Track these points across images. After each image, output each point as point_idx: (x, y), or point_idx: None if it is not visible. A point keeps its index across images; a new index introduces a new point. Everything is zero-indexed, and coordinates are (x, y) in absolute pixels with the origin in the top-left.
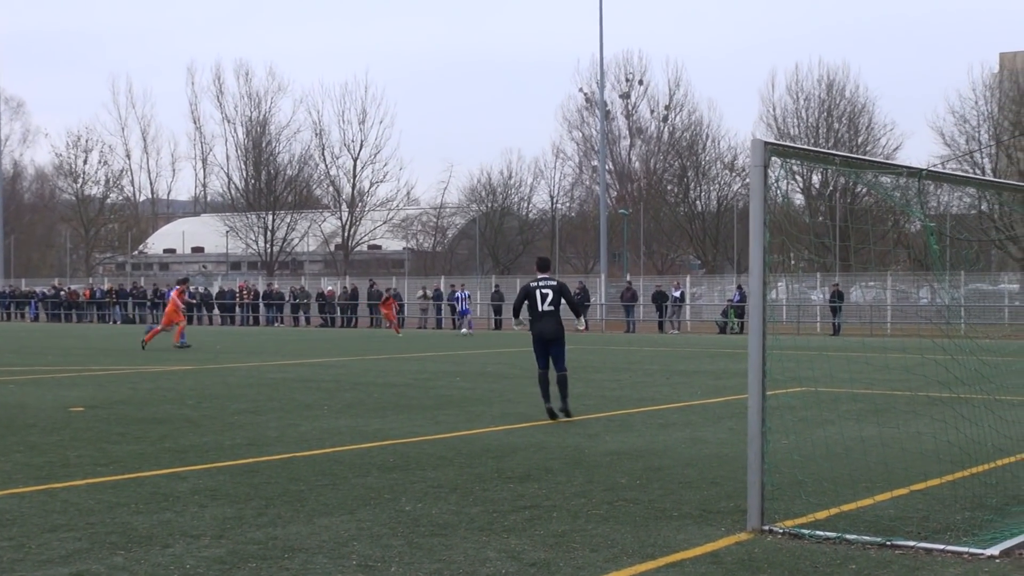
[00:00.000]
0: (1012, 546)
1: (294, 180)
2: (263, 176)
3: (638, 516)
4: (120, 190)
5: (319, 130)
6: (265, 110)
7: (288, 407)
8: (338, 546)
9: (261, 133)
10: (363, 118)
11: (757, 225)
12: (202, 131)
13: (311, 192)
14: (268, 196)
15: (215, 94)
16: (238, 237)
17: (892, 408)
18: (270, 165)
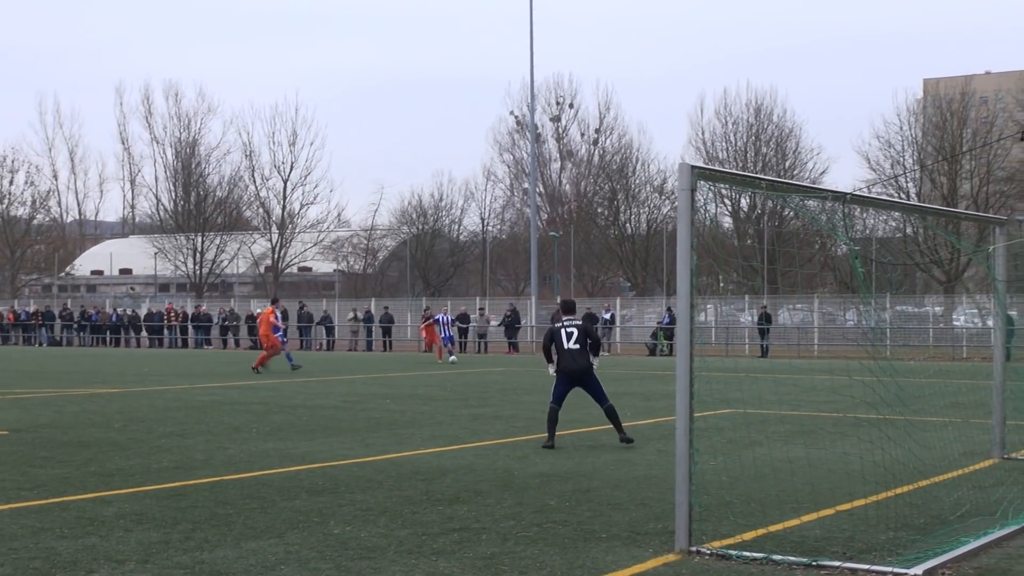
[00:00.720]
0: (935, 565)
1: (224, 201)
2: (192, 197)
3: (567, 538)
4: (47, 211)
5: (249, 151)
6: (195, 131)
7: (216, 430)
8: (266, 570)
9: (191, 154)
10: (293, 139)
11: (684, 248)
12: (131, 152)
13: (241, 214)
14: (197, 217)
15: (144, 115)
16: (167, 259)
17: (819, 429)
18: (200, 186)
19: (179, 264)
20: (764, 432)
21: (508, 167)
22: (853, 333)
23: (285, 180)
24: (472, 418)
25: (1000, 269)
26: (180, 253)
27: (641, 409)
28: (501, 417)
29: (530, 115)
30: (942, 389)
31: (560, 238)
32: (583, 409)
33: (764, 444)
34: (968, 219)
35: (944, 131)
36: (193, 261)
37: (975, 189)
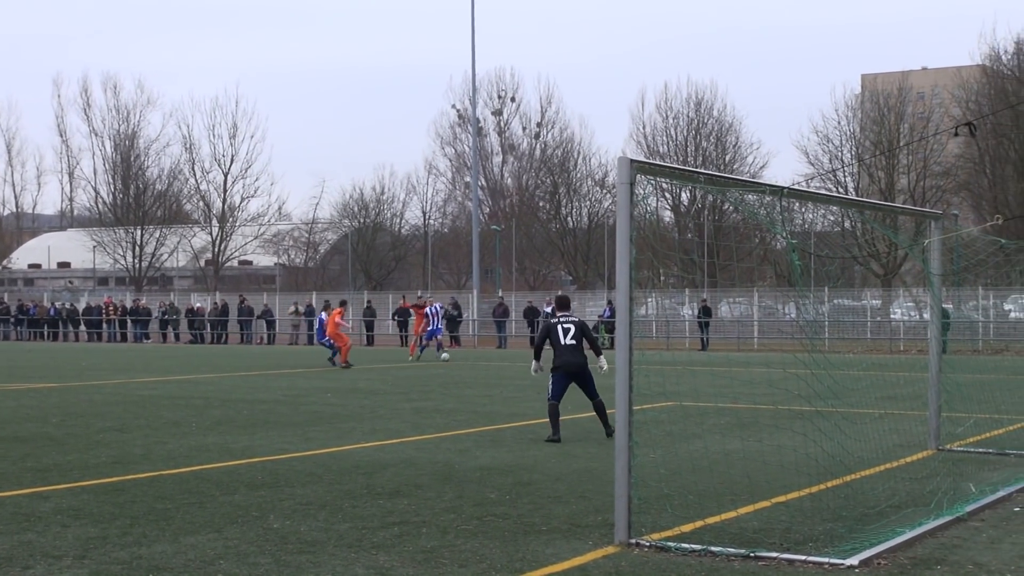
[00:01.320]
0: (871, 556)
1: (163, 195)
2: (132, 190)
3: (507, 531)
4: None
5: (189, 144)
6: (134, 123)
7: (155, 424)
8: (204, 565)
9: (130, 147)
10: (234, 132)
11: (623, 241)
12: (69, 144)
13: (181, 207)
14: (137, 211)
15: (82, 107)
16: (106, 252)
17: (756, 422)
18: (139, 179)
19: (118, 258)
20: (703, 425)
21: (450, 161)
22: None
23: (225, 173)
24: (413, 412)
25: (935, 263)
26: (119, 246)
27: (581, 403)
28: (442, 411)
29: (472, 109)
30: (879, 381)
31: (502, 232)
32: (525, 403)
33: (703, 437)
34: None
35: (881, 126)
36: (132, 255)
37: (912, 183)
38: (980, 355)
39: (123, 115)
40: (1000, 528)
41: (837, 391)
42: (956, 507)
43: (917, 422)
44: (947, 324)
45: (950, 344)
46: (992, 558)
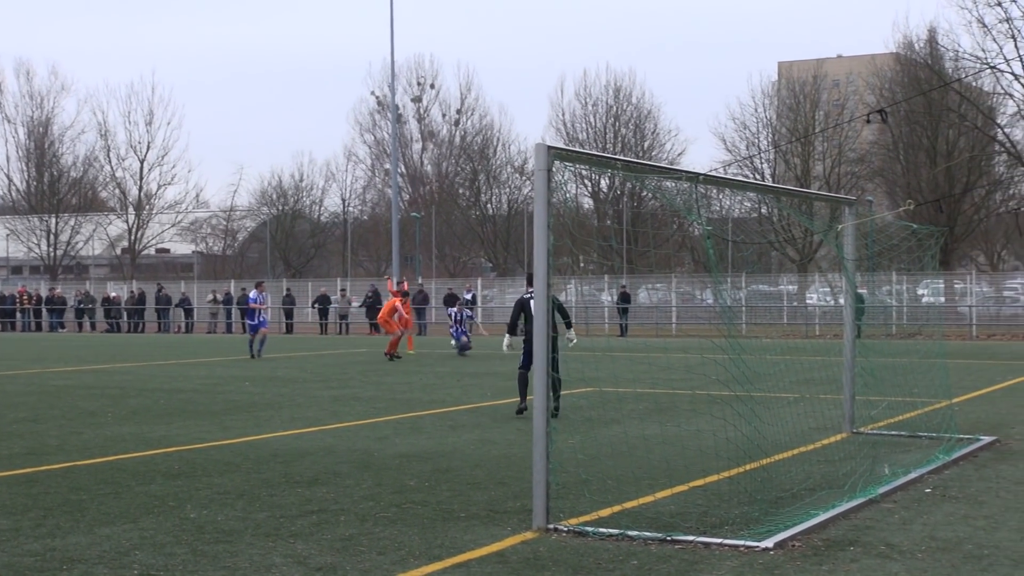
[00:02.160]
0: (785, 538)
1: (79, 182)
2: (46, 178)
3: (426, 518)
4: None
5: (104, 131)
6: (48, 110)
7: (70, 415)
8: (119, 556)
9: (44, 134)
10: (150, 119)
11: (541, 228)
12: None
13: (96, 194)
14: (51, 198)
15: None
16: (19, 240)
17: (674, 407)
18: (53, 167)
19: (32, 246)
20: (621, 410)
21: (370, 148)
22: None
23: (142, 160)
24: (332, 400)
25: (849, 248)
26: (33, 235)
27: (501, 389)
28: (361, 398)
29: (391, 96)
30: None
31: (421, 219)
32: (444, 390)
33: (621, 422)
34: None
35: (797, 113)
36: (47, 243)
37: (827, 170)
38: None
39: (36, 101)
40: (912, 509)
41: (753, 376)
42: (869, 489)
43: (832, 406)
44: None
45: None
46: (904, 538)
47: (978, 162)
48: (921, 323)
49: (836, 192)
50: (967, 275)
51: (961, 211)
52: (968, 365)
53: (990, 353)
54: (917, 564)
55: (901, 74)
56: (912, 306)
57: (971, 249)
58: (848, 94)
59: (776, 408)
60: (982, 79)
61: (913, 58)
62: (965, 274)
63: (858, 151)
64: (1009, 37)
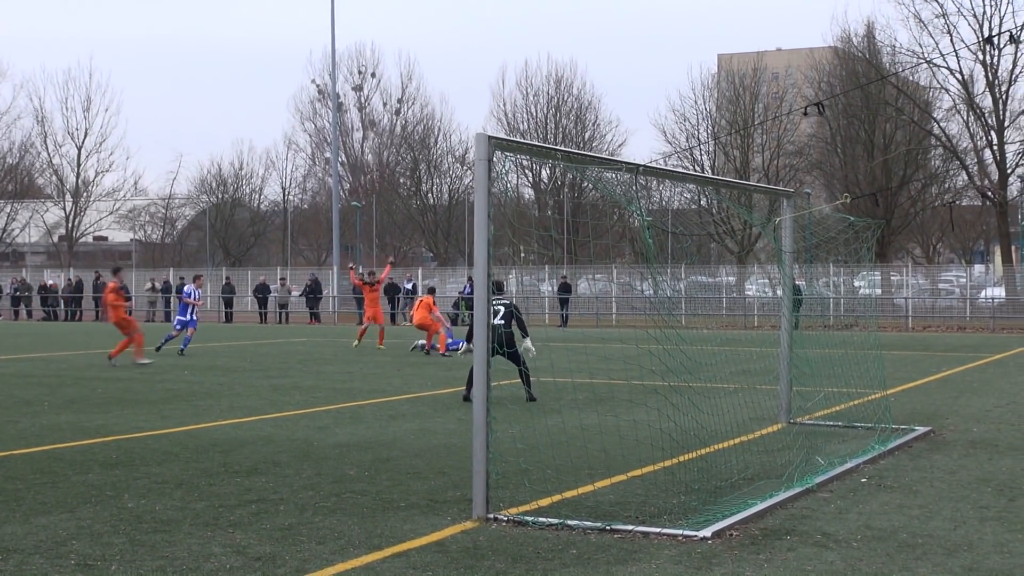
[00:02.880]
0: (723, 527)
1: (15, 168)
2: None
3: (366, 507)
4: None
5: (41, 117)
6: None
7: (6, 403)
8: (56, 545)
9: None
10: (88, 105)
11: (481, 218)
12: None
13: (33, 181)
14: None
15: None
16: None
17: (613, 397)
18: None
19: None
20: (560, 400)
21: (310, 136)
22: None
23: (79, 147)
24: (272, 389)
25: (788, 240)
26: None
27: (441, 379)
28: (301, 388)
29: (331, 84)
30: (733, 356)
31: (362, 208)
32: (384, 379)
33: (560, 412)
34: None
35: (737, 105)
36: None
37: (766, 162)
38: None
39: None
40: (847, 499)
41: (692, 366)
42: (806, 479)
43: (769, 396)
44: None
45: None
46: (839, 527)
47: (914, 156)
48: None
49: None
50: (903, 267)
51: (898, 204)
52: (904, 356)
53: (925, 344)
54: (853, 553)
55: (839, 68)
56: (849, 298)
57: (907, 242)
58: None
59: (714, 398)
60: (918, 73)
61: (851, 52)
62: (901, 266)
63: (797, 144)
64: (945, 32)
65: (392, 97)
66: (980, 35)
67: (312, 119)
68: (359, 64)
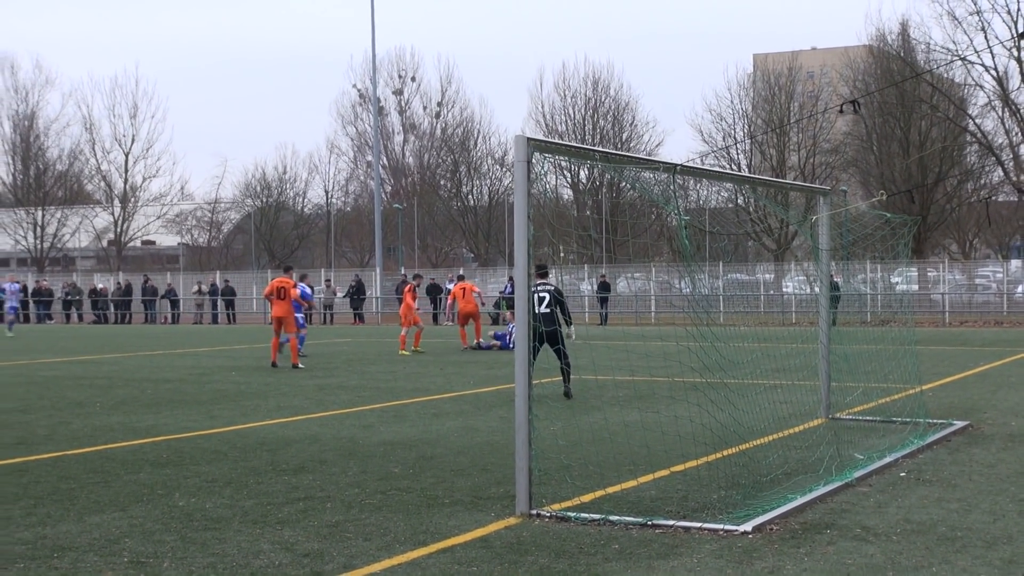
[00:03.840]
0: (763, 522)
1: (64, 175)
2: (32, 171)
3: (411, 504)
4: None
5: (89, 124)
6: (33, 103)
7: (59, 405)
8: (110, 543)
9: (29, 127)
10: (134, 112)
11: (521, 218)
12: None
13: (82, 187)
14: (37, 191)
15: None
16: (6, 233)
17: (653, 394)
18: (39, 160)
19: (19, 239)
20: (601, 398)
21: (352, 140)
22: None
23: (126, 153)
24: (318, 388)
25: (824, 238)
26: (20, 227)
27: (483, 377)
28: (346, 387)
29: (372, 88)
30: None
31: (404, 210)
32: (428, 378)
33: (601, 409)
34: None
35: (773, 104)
36: (33, 235)
37: (802, 160)
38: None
39: (21, 95)
40: (887, 493)
41: (722, 365)
42: (845, 473)
43: (808, 392)
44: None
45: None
46: (879, 521)
47: (950, 152)
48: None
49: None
50: (940, 263)
51: (934, 200)
52: (941, 352)
53: (962, 340)
54: (892, 546)
55: (874, 66)
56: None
57: (944, 238)
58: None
59: (753, 395)
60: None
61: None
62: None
63: (832, 142)
64: (979, 29)
65: (432, 100)
66: (1014, 31)
67: (354, 123)
68: (399, 68)
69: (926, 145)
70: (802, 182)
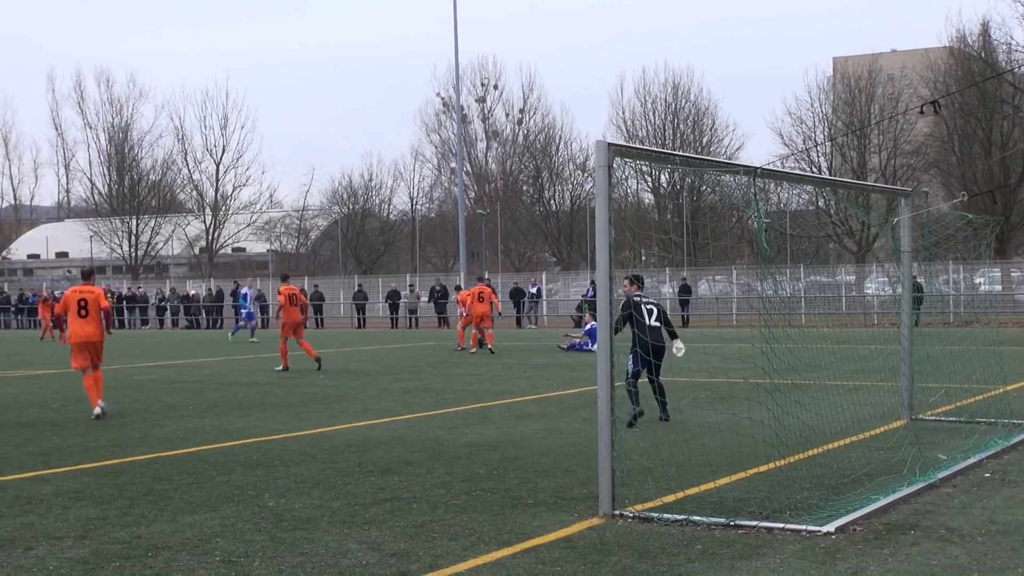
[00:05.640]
0: (846, 523)
1: (157, 185)
2: (126, 181)
3: (495, 505)
4: None
5: (181, 135)
6: (127, 116)
7: (153, 408)
8: (202, 543)
9: (123, 139)
10: (224, 123)
11: (602, 222)
12: (64, 137)
13: (175, 196)
14: (132, 201)
15: (76, 100)
16: (102, 241)
17: (733, 396)
18: (133, 170)
19: (115, 247)
20: (683, 399)
21: (435, 147)
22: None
23: (217, 163)
24: (403, 391)
25: (906, 239)
26: (115, 236)
27: (567, 379)
28: (431, 390)
29: (456, 97)
30: (853, 354)
31: (487, 216)
32: (511, 381)
33: (683, 411)
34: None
35: (853, 107)
36: (128, 243)
37: (883, 162)
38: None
39: (116, 108)
40: (971, 494)
41: (812, 364)
42: (928, 474)
43: (890, 393)
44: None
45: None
46: (964, 522)
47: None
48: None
49: (892, 184)
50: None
51: (1016, 201)
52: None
53: None
54: (977, 547)
55: (955, 67)
56: (969, 294)
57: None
58: (902, 88)
59: (835, 396)
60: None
61: (966, 51)
62: (1021, 262)
63: (913, 143)
64: None
65: (514, 107)
66: None
67: (437, 131)
68: (482, 76)
69: (1008, 145)
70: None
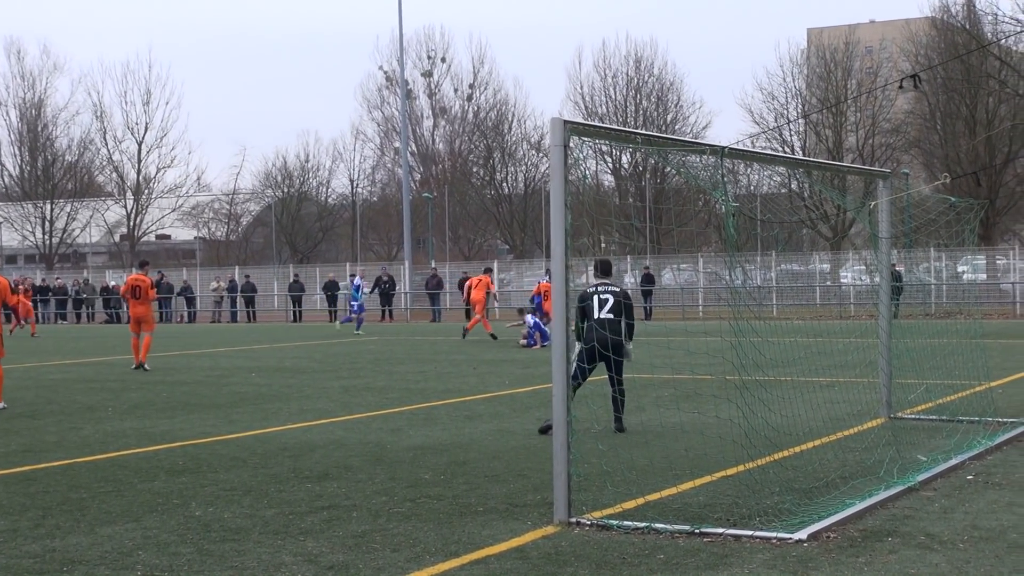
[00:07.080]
0: (820, 529)
1: (74, 166)
2: (40, 162)
3: (442, 513)
4: None
5: (100, 112)
6: (40, 91)
7: (69, 410)
8: (122, 556)
9: (36, 116)
10: (147, 99)
11: (558, 207)
12: None
13: (93, 179)
14: (45, 184)
15: None
16: (13, 228)
17: (698, 394)
18: (47, 150)
19: (26, 234)
20: (645, 397)
21: (378, 125)
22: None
23: (139, 142)
24: (343, 390)
25: (885, 224)
26: (27, 222)
27: (519, 377)
28: (373, 389)
29: (400, 70)
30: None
31: (434, 199)
32: (460, 378)
33: (645, 410)
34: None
35: (828, 82)
36: (42, 230)
37: (861, 141)
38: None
39: (28, 82)
40: (953, 497)
41: (783, 359)
42: (907, 477)
43: (867, 390)
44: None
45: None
46: (944, 528)
47: (1020, 131)
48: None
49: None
50: (1010, 250)
51: (1003, 183)
52: (1012, 345)
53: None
54: (959, 555)
55: (937, 39)
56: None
57: (1014, 223)
58: (881, 61)
59: (808, 393)
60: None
61: (950, 22)
62: (1008, 249)
63: (893, 121)
64: None
65: (463, 82)
66: None
67: (380, 108)
68: (428, 48)
69: (994, 123)
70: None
